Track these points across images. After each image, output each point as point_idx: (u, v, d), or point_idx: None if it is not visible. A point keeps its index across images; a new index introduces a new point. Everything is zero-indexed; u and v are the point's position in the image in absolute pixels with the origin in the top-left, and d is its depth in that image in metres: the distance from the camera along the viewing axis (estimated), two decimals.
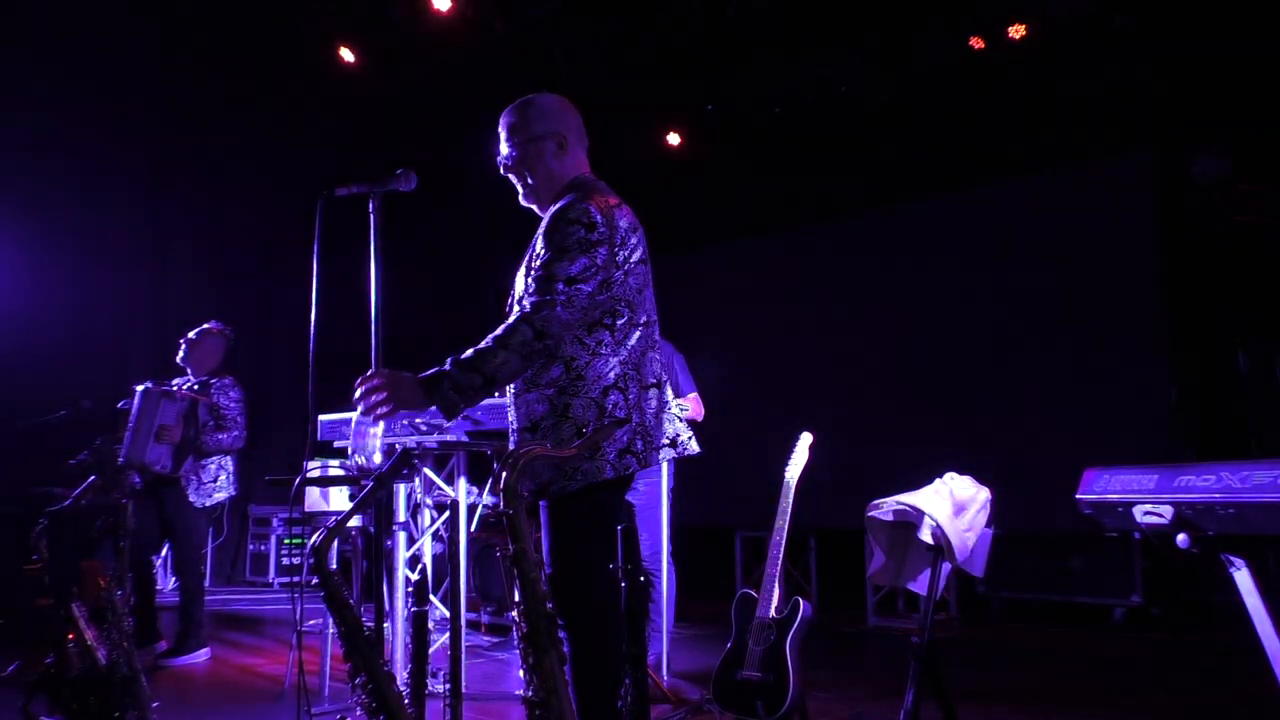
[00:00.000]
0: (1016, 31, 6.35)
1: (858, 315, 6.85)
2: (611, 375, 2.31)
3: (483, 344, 2.21)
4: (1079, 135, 6.19)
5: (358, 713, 2.08)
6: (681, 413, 2.53)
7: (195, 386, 5.12)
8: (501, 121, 2.56)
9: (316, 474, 4.21)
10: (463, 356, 2.21)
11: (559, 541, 2.31)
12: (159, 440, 4.85)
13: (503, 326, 2.22)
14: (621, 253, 2.34)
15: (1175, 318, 5.64)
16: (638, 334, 2.38)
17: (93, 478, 3.79)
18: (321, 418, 4.36)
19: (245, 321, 8.69)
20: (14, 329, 6.85)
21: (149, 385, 5.03)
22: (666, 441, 2.39)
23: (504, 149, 2.54)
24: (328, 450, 4.91)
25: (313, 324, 2.82)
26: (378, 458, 2.45)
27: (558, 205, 2.38)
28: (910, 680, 2.73)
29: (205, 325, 5.29)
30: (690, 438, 2.46)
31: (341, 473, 4.77)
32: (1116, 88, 6.04)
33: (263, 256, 8.65)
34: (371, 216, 2.69)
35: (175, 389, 5.03)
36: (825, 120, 7.45)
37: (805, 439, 3.50)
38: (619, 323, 2.33)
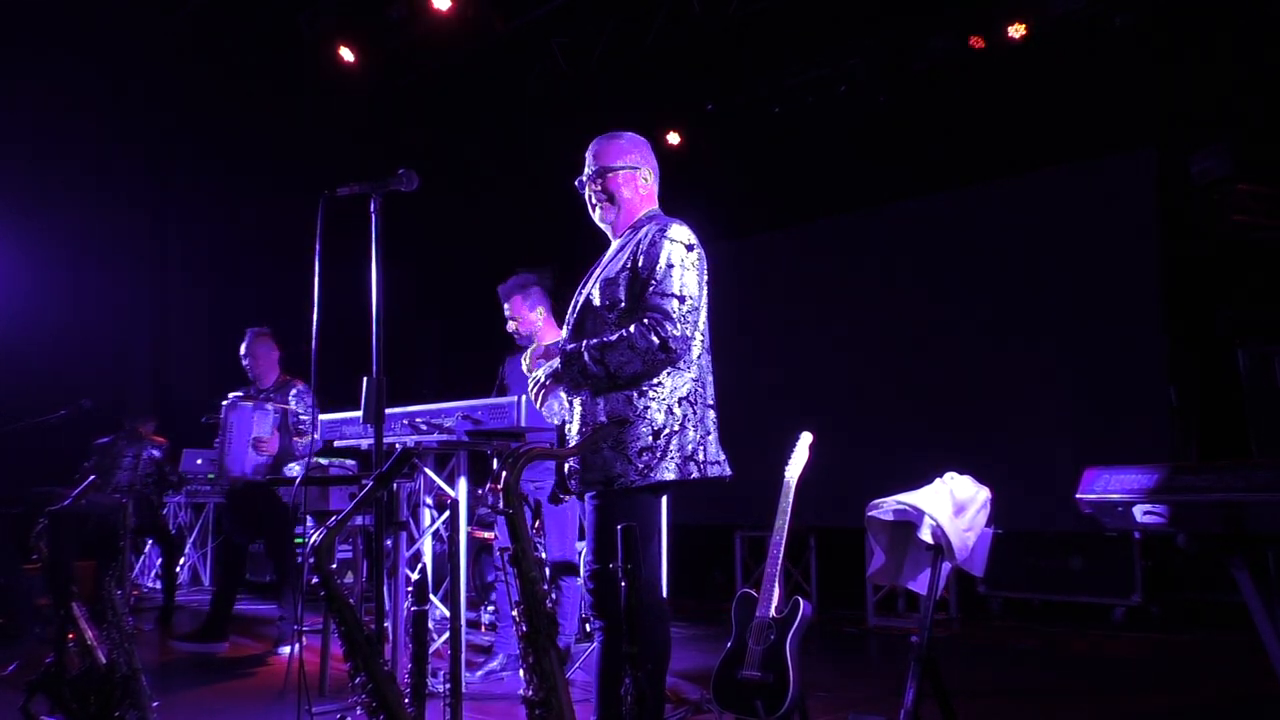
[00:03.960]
0: (1016, 31, 6.35)
1: (857, 314, 6.84)
2: (685, 389, 2.53)
3: (614, 339, 2.45)
4: (1079, 135, 6.19)
5: (358, 712, 2.08)
6: None
7: (273, 394, 5.28)
8: (592, 146, 2.77)
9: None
10: (594, 345, 2.47)
11: (604, 537, 2.44)
12: (257, 452, 5.05)
13: (634, 329, 2.44)
14: (705, 277, 2.61)
15: (1175, 317, 5.64)
16: (708, 357, 2.65)
17: (93, 478, 3.79)
18: (322, 418, 4.36)
19: (245, 321, 8.72)
20: (14, 329, 6.85)
21: (236, 397, 5.22)
22: (714, 459, 2.60)
23: (590, 169, 2.74)
24: (328, 450, 4.91)
25: (314, 324, 2.82)
26: (555, 421, 2.69)
27: (656, 226, 2.61)
28: (910, 680, 2.74)
29: (250, 332, 5.43)
30: (727, 459, 2.67)
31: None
32: (1117, 88, 6.04)
33: (263, 256, 8.64)
34: (373, 216, 2.69)
35: (265, 402, 5.20)
36: (825, 120, 7.45)
37: (805, 439, 3.49)
38: (696, 344, 2.57)
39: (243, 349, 5.40)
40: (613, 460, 2.45)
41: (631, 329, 2.45)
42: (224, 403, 5.24)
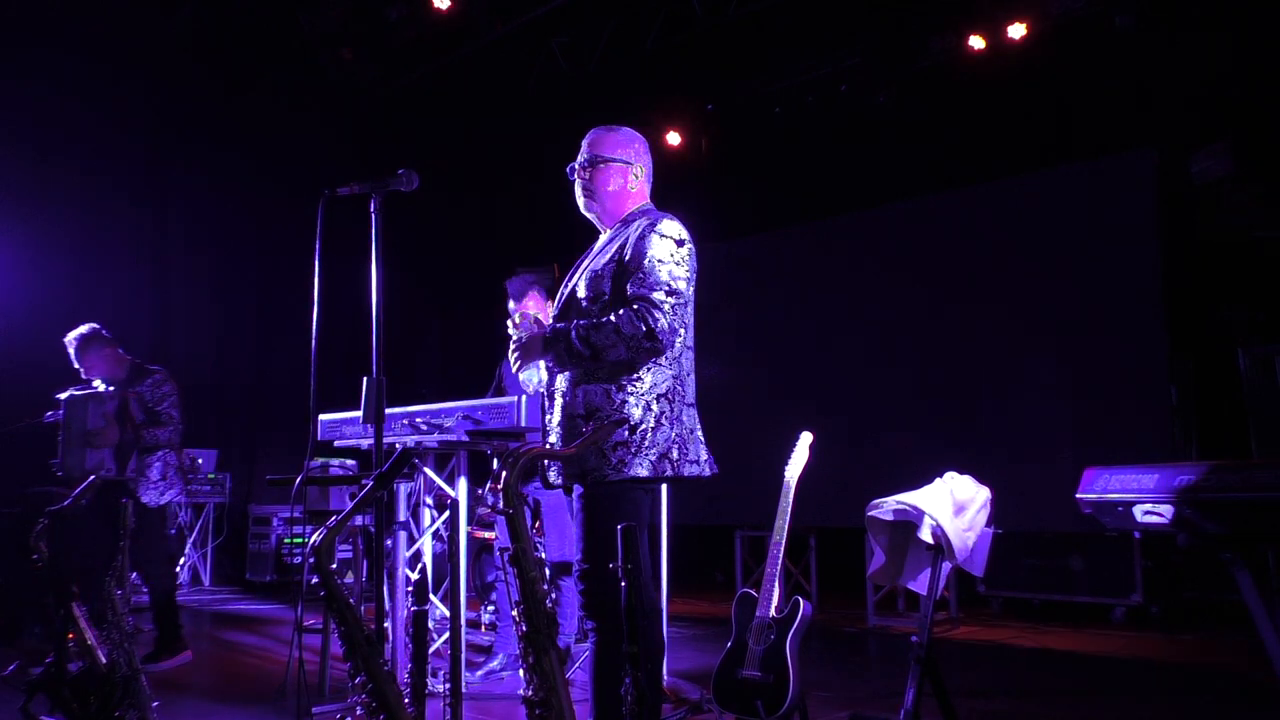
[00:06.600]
0: (1016, 31, 6.36)
1: (858, 315, 6.84)
2: (664, 386, 2.51)
3: (602, 321, 2.44)
4: (1079, 135, 6.19)
5: (358, 712, 2.08)
6: None
7: (128, 385, 4.88)
8: (589, 135, 2.75)
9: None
10: (584, 325, 2.45)
11: (592, 535, 2.44)
12: (94, 445, 4.64)
13: (622, 314, 2.41)
14: (694, 275, 2.58)
15: (1175, 317, 5.64)
16: (690, 354, 2.61)
17: (93, 478, 3.78)
18: (322, 417, 4.35)
19: (246, 321, 8.74)
20: (15, 328, 6.84)
21: (72, 392, 4.81)
22: (693, 459, 2.54)
23: (583, 156, 2.72)
24: (328, 450, 4.90)
25: (314, 323, 2.81)
26: (530, 389, 2.60)
27: (647, 221, 2.57)
28: (910, 680, 2.74)
29: (75, 340, 4.90)
30: (710, 460, 2.61)
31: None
32: (1116, 88, 6.04)
33: (263, 256, 8.64)
34: (373, 216, 2.68)
35: (101, 390, 4.79)
36: (825, 120, 7.46)
37: (805, 439, 3.49)
38: (678, 341, 2.52)
39: (73, 358, 4.90)
40: (588, 454, 2.44)
41: (620, 313, 2.42)
42: (61, 396, 4.80)
